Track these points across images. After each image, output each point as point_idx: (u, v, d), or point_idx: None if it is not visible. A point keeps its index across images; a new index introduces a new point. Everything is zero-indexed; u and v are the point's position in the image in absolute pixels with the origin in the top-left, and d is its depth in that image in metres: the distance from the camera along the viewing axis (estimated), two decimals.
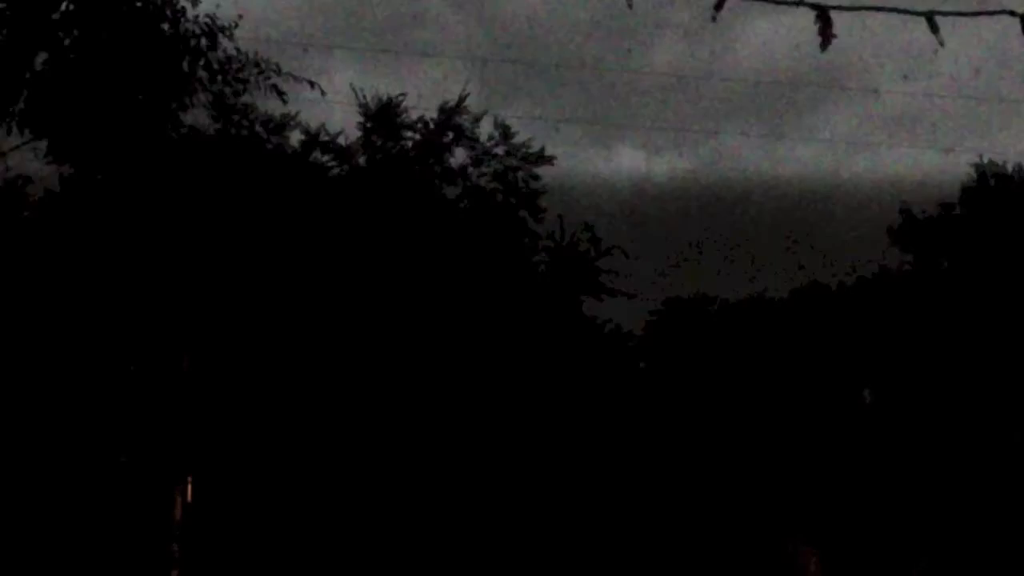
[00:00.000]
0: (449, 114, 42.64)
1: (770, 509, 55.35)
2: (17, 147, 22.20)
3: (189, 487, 33.10)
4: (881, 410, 55.53)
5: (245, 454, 35.42)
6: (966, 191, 50.95)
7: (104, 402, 31.71)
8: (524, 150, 43.45)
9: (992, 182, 50.44)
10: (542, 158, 43.74)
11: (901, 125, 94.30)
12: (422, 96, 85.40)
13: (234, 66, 22.53)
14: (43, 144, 22.34)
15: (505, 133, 43.46)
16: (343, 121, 41.98)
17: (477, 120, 43.02)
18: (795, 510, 55.47)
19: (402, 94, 42.88)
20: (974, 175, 50.83)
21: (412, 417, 37.86)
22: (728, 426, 56.69)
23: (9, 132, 21.39)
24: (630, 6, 8.11)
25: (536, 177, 43.67)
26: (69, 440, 30.86)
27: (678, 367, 62.45)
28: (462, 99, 42.96)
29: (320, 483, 36.62)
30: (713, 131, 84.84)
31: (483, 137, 43.28)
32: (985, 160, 50.95)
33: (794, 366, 59.09)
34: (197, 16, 21.84)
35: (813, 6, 8.77)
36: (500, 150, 43.35)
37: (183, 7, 21.50)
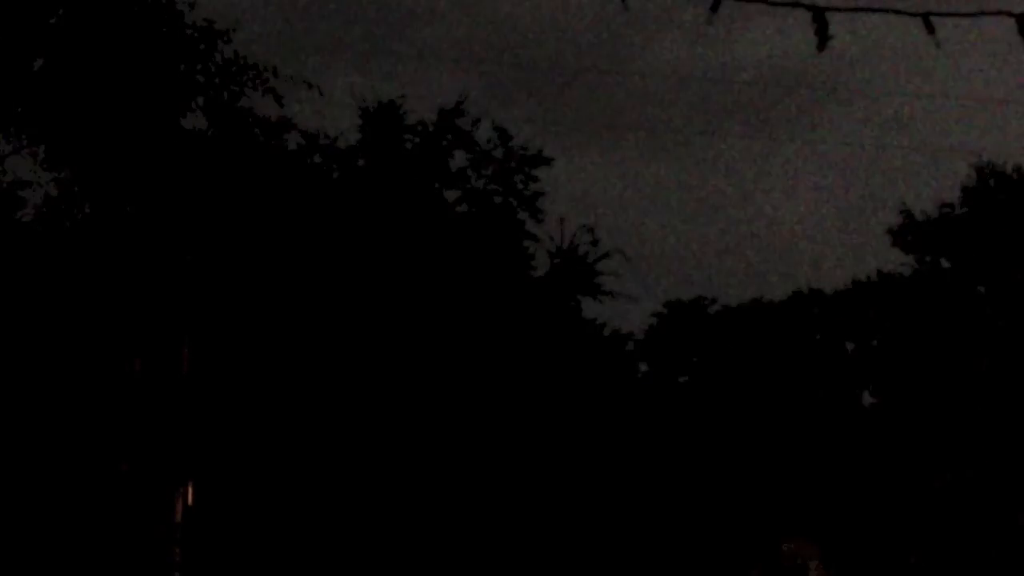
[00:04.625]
0: (448, 116, 42.59)
1: (772, 509, 55.36)
2: (15, 152, 22.21)
3: (190, 490, 33.07)
4: (880, 411, 55.52)
5: (246, 456, 35.41)
6: (966, 191, 50.99)
7: (104, 405, 31.71)
8: (522, 152, 43.38)
9: (992, 182, 50.44)
10: (540, 159, 43.66)
11: (902, 124, 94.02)
12: (423, 97, 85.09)
13: (232, 70, 22.52)
14: (41, 149, 22.35)
15: (503, 136, 43.39)
16: (343, 123, 41.89)
17: (476, 123, 42.96)
18: (796, 510, 55.47)
19: (402, 95, 42.80)
20: (974, 175, 50.87)
21: (412, 418, 37.85)
22: (729, 427, 56.68)
23: (7, 138, 21.40)
24: (626, 8, 8.12)
25: (535, 179, 43.64)
26: (69, 443, 30.84)
27: (679, 369, 62.50)
28: (460, 102, 42.93)
29: (321, 484, 36.60)
30: (715, 131, 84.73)
31: (482, 140, 43.28)
32: (985, 160, 50.99)
33: (793, 368, 59.10)
34: (195, 21, 21.84)
35: (809, 7, 8.76)
36: (498, 153, 43.31)
37: (181, 11, 21.49)
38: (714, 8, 8.43)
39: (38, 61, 21.15)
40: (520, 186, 43.37)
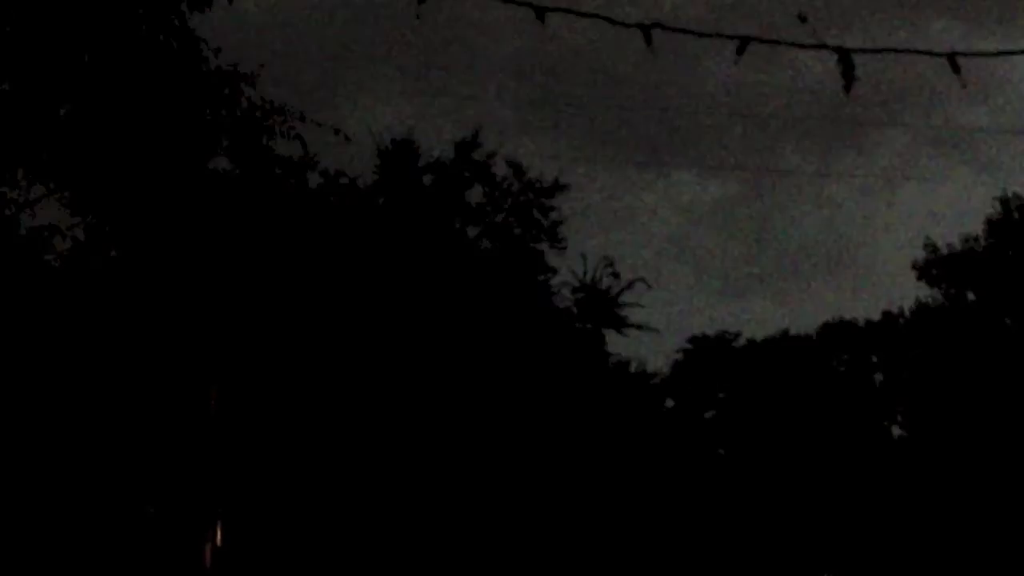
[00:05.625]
0: (464, 149, 42.79)
1: (800, 543, 55.16)
2: (42, 197, 22.34)
3: (219, 531, 32.96)
4: (909, 444, 55.30)
5: (276, 494, 35.39)
6: (990, 224, 50.87)
7: (131, 445, 31.73)
8: (538, 185, 43.57)
9: (1016, 215, 50.31)
10: (557, 187, 43.83)
11: (955, 149, 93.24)
12: (468, 118, 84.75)
13: (256, 115, 22.64)
14: (66, 194, 22.51)
15: (518, 171, 43.59)
16: (367, 153, 41.97)
17: (492, 156, 43.20)
18: (825, 544, 55.25)
19: (410, 136, 42.78)
20: (998, 207, 50.74)
21: (438, 454, 37.84)
22: (757, 461, 56.50)
23: (34, 183, 21.55)
24: (652, 54, 8.17)
25: (553, 208, 43.77)
26: (96, 485, 30.85)
27: (705, 404, 62.36)
28: (476, 134, 43.16)
29: (355, 522, 36.56)
30: (764, 151, 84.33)
31: (499, 172, 43.49)
32: (1009, 193, 50.87)
33: (822, 401, 58.92)
34: (220, 65, 21.95)
35: (835, 50, 8.78)
36: (514, 187, 43.50)
37: (205, 56, 21.61)
38: (740, 51, 8.48)
39: (64, 107, 21.28)
40: (538, 217, 43.54)
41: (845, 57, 8.62)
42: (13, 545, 28.34)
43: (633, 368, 50.22)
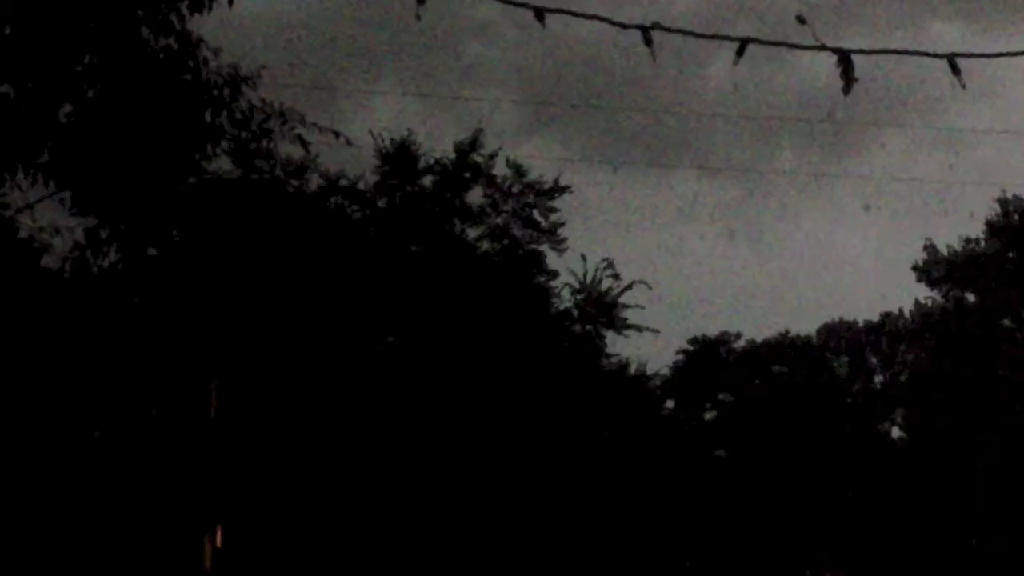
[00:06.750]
0: (465, 151, 42.79)
1: (800, 542, 55.24)
2: (43, 199, 22.38)
3: (219, 533, 33.01)
4: (909, 444, 55.34)
5: (276, 496, 35.41)
6: (990, 225, 50.91)
7: (132, 449, 31.75)
8: (539, 186, 43.57)
9: (1016, 217, 50.35)
10: (557, 189, 43.84)
11: (955, 149, 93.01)
12: (469, 119, 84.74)
13: (257, 117, 22.68)
14: (68, 195, 22.52)
15: (518, 172, 43.59)
16: (367, 152, 41.89)
17: (492, 156, 43.20)
18: (825, 543, 55.34)
19: (410, 138, 42.75)
20: (998, 209, 50.78)
21: (435, 458, 37.86)
22: (757, 461, 56.54)
23: (34, 184, 21.56)
24: (653, 58, 8.18)
25: (554, 209, 43.79)
26: (96, 486, 30.87)
27: (705, 405, 62.41)
28: (476, 135, 43.16)
29: (354, 526, 36.58)
30: (764, 151, 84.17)
31: (500, 172, 43.48)
32: (1009, 195, 50.90)
33: (819, 403, 58.96)
34: (220, 67, 21.96)
35: (835, 51, 8.77)
36: (515, 188, 43.50)
37: (205, 57, 21.62)
38: (740, 52, 8.47)
39: (65, 107, 21.29)
40: (539, 219, 43.57)
41: (845, 58, 8.61)
42: (14, 545, 28.35)
43: (633, 369, 50.23)
